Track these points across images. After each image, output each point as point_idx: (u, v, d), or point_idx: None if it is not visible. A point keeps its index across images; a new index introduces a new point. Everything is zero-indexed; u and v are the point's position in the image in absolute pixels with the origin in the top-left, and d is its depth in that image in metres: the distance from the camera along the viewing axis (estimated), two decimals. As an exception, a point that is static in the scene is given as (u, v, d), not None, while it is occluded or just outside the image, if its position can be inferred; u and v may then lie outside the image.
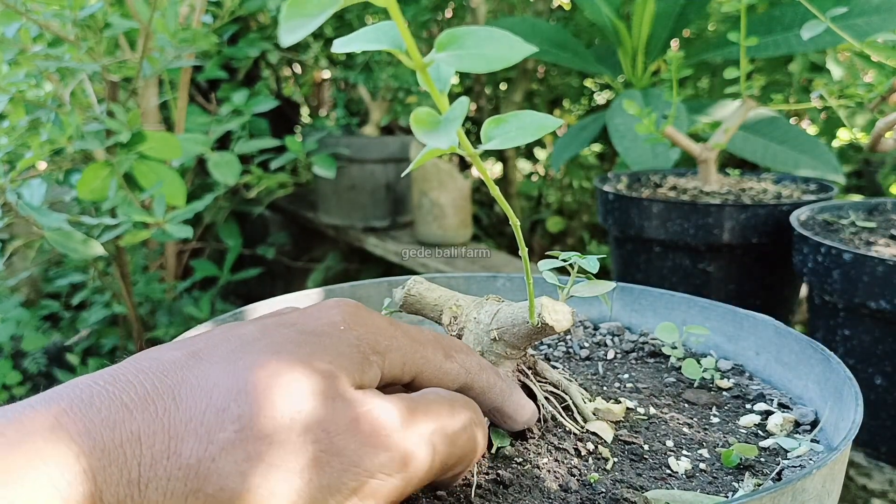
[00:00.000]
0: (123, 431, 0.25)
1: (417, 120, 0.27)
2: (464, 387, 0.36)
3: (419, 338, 0.34)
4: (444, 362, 0.35)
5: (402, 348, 0.33)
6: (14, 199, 0.85)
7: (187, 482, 0.25)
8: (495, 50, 0.26)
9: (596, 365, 0.51)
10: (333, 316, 0.32)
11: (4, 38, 0.96)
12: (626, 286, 0.57)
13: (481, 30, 0.27)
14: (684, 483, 0.36)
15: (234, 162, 1.41)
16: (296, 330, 0.31)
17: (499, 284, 0.59)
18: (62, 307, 1.60)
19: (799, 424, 0.42)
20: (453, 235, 1.57)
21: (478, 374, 0.36)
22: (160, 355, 0.29)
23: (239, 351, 0.29)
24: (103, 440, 0.25)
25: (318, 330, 0.31)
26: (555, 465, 0.38)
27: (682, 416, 0.43)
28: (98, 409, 0.25)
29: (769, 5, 1.45)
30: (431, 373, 0.34)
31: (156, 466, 0.25)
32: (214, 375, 0.28)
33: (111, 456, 0.25)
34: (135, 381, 0.27)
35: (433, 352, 0.34)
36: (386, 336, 0.33)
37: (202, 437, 0.26)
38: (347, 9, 1.77)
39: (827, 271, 0.75)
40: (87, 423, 0.25)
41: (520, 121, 0.30)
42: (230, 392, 0.27)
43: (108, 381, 0.27)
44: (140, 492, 0.25)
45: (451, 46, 0.27)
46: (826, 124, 1.58)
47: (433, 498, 0.35)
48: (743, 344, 0.51)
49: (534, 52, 0.25)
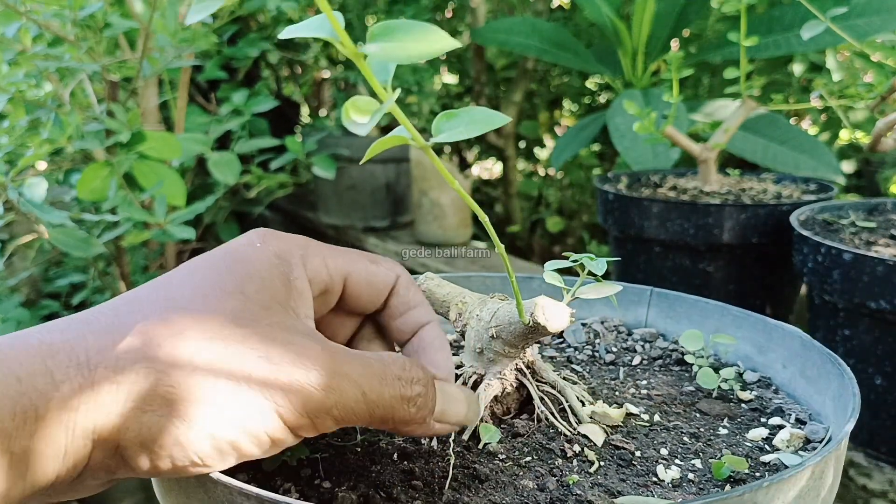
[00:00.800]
0: (73, 328, 0.30)
1: (355, 106, 0.29)
2: (393, 292, 0.38)
3: (340, 248, 0.38)
4: (369, 265, 0.37)
5: (320, 252, 0.36)
6: (15, 196, 0.85)
7: (136, 356, 0.29)
8: (420, 44, 0.27)
9: (618, 370, 0.51)
10: (250, 236, 0.36)
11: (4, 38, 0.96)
12: (662, 292, 0.56)
13: (411, 24, 0.28)
14: (668, 492, 0.36)
15: (234, 162, 1.41)
16: (221, 252, 0.34)
17: (534, 286, 0.59)
18: (62, 307, 1.60)
19: (809, 441, 0.41)
20: (453, 235, 1.57)
21: (408, 284, 0.38)
22: (123, 294, 0.33)
23: (176, 276, 0.33)
24: (53, 341, 0.29)
25: (240, 250, 0.34)
26: (538, 463, 0.38)
27: (688, 425, 0.43)
28: (58, 326, 0.30)
29: (769, 6, 1.45)
30: (360, 274, 0.37)
31: (103, 353, 0.29)
32: (159, 294, 0.32)
33: (60, 342, 0.29)
34: (99, 314, 0.31)
35: (357, 257, 0.37)
36: (301, 245, 0.36)
37: (150, 347, 0.29)
38: (347, 9, 1.77)
39: (827, 271, 0.75)
40: (48, 335, 0.29)
41: (469, 116, 0.31)
42: (169, 315, 0.30)
43: (82, 316, 0.31)
44: (90, 371, 0.28)
45: (381, 38, 0.28)
46: (826, 125, 1.58)
47: (408, 487, 0.36)
48: (771, 356, 0.50)
49: (457, 48, 0.27)
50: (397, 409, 0.33)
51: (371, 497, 0.35)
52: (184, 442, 0.29)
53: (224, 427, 0.29)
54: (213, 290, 0.31)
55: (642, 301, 0.58)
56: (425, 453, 0.39)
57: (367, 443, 0.40)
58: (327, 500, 0.35)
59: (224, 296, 0.31)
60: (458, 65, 2.19)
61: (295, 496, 0.35)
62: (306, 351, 0.31)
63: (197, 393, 0.29)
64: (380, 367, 0.33)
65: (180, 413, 0.29)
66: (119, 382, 0.28)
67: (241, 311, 0.31)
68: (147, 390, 0.28)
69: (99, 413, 0.28)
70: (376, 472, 0.37)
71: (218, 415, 0.29)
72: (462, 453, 0.39)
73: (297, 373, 0.30)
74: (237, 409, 0.29)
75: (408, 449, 0.39)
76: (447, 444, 0.39)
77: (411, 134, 0.30)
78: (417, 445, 0.40)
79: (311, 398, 0.30)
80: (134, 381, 0.28)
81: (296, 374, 0.30)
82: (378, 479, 0.36)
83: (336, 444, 0.40)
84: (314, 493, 0.35)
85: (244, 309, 0.31)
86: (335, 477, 0.37)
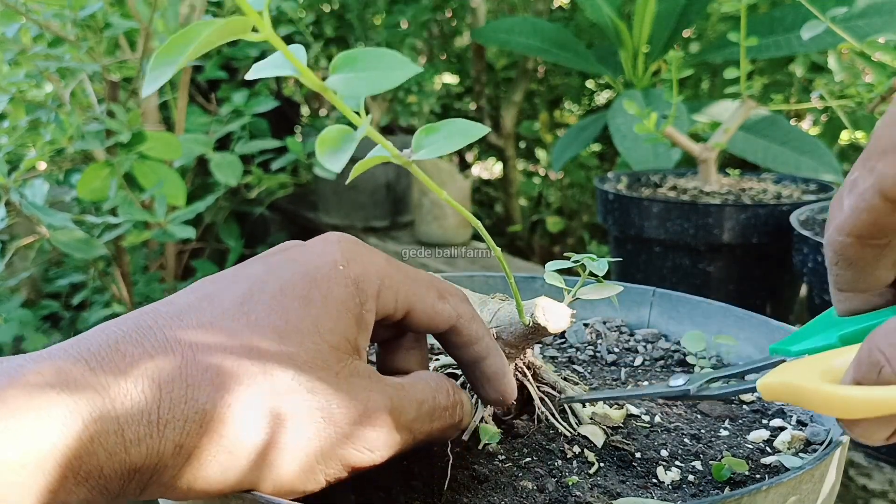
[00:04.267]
0: (146, 379, 0.28)
1: (324, 140, 0.29)
2: (453, 330, 0.37)
3: (414, 276, 0.36)
4: (436, 302, 0.36)
5: (395, 286, 0.35)
6: (17, 198, 0.85)
7: (203, 424, 0.28)
8: (383, 71, 0.27)
9: (620, 370, 0.51)
10: (334, 253, 0.34)
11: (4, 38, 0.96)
12: (665, 293, 0.56)
13: (374, 53, 0.28)
14: (668, 493, 0.36)
15: (235, 163, 1.41)
16: (300, 272, 0.33)
17: (537, 286, 0.59)
18: (62, 307, 1.60)
19: (810, 443, 0.41)
20: (453, 235, 1.57)
21: (469, 322, 0.37)
22: (176, 299, 0.32)
23: (248, 298, 0.31)
24: (126, 385, 0.28)
25: (320, 273, 0.33)
26: (538, 464, 0.38)
27: (689, 426, 0.43)
28: (123, 355, 0.28)
29: (771, 6, 1.45)
30: (423, 310, 0.36)
31: (174, 409, 0.28)
32: (227, 324, 0.30)
33: (133, 399, 0.27)
34: (154, 327, 0.30)
35: (426, 290, 0.36)
36: (380, 273, 0.34)
37: (218, 387, 0.29)
38: (347, 9, 1.77)
39: (827, 271, 0.75)
40: (114, 368, 0.28)
41: (449, 129, 0.31)
42: (243, 349, 0.30)
43: (131, 329, 0.29)
44: (159, 431, 0.28)
45: (344, 69, 0.28)
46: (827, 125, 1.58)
47: (408, 487, 0.36)
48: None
49: (418, 73, 0.27)
50: (438, 437, 0.36)
51: (370, 497, 0.35)
52: (216, 483, 0.29)
53: (268, 482, 0.30)
54: (289, 329, 0.31)
55: (645, 301, 0.58)
56: (425, 453, 0.39)
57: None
58: (325, 500, 0.35)
59: (299, 338, 0.31)
60: (459, 65, 2.19)
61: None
62: (368, 409, 0.31)
63: (252, 447, 0.29)
64: (431, 407, 0.34)
65: (226, 463, 0.29)
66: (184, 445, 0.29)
67: (314, 355, 0.31)
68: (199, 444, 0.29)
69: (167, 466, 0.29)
70: (376, 472, 0.37)
71: (268, 472, 0.30)
72: (462, 454, 0.39)
73: (353, 440, 0.31)
74: (286, 469, 0.30)
75: (408, 449, 0.39)
76: (447, 444, 0.39)
77: (391, 153, 0.30)
78: (417, 446, 0.40)
79: (363, 461, 0.32)
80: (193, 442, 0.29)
81: (352, 443, 0.31)
82: (377, 479, 0.36)
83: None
84: (313, 493, 0.35)
85: (316, 353, 0.31)
86: (335, 477, 0.37)
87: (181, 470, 0.29)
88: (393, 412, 0.32)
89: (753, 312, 0.51)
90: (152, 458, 0.28)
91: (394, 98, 1.76)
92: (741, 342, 0.51)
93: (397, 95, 1.76)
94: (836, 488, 0.36)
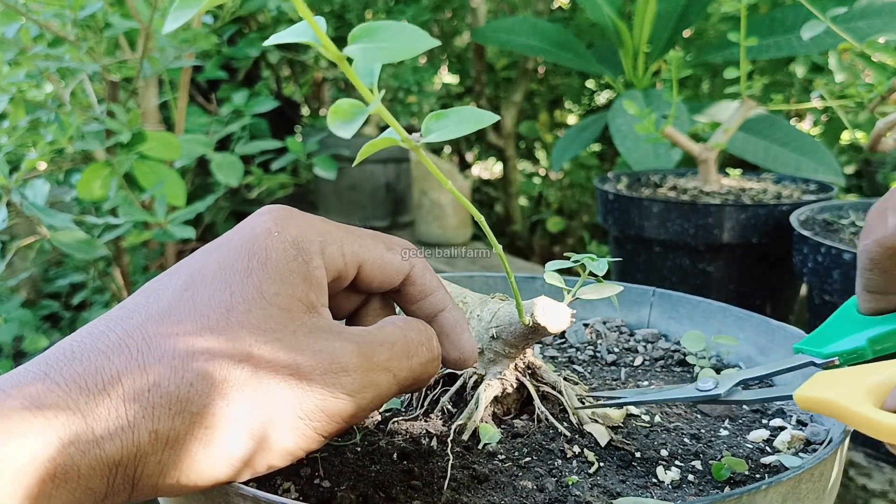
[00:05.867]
0: (104, 375, 0.29)
1: (337, 110, 0.29)
2: (408, 280, 0.37)
3: (358, 232, 0.36)
4: (384, 252, 0.36)
5: (338, 240, 0.35)
6: (18, 199, 0.85)
7: (170, 406, 0.29)
8: (401, 42, 0.27)
9: (620, 370, 0.51)
10: (266, 222, 0.34)
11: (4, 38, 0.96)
12: (665, 293, 0.56)
13: (393, 24, 0.28)
14: (668, 493, 0.36)
15: (236, 163, 1.41)
16: (236, 248, 0.33)
17: (537, 286, 0.59)
18: (62, 307, 1.60)
19: (810, 443, 0.41)
20: (453, 235, 1.57)
21: (423, 271, 0.37)
22: (126, 303, 0.33)
23: (190, 283, 0.32)
24: (87, 385, 0.28)
25: (256, 243, 0.33)
26: (538, 464, 0.38)
27: (689, 426, 0.43)
28: (80, 360, 0.29)
29: (771, 6, 1.45)
30: (373, 262, 0.36)
31: (139, 399, 0.29)
32: (174, 312, 0.31)
33: (97, 398, 0.28)
34: (106, 329, 0.30)
35: (373, 243, 0.36)
36: (319, 231, 0.35)
37: (177, 369, 0.29)
38: (348, 8, 1.77)
39: (827, 271, 0.75)
40: (73, 374, 0.29)
41: (459, 115, 0.31)
42: (194, 329, 0.30)
43: (85, 335, 0.30)
44: (129, 422, 0.28)
45: (363, 39, 0.28)
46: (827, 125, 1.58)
47: (408, 486, 0.36)
48: (773, 356, 0.49)
49: (435, 45, 0.27)
50: (422, 373, 0.35)
51: (370, 497, 0.35)
52: (206, 466, 0.29)
53: (260, 453, 0.30)
54: (235, 300, 0.31)
55: (645, 301, 0.58)
56: (425, 453, 0.39)
57: (367, 442, 0.40)
58: (326, 499, 0.35)
59: (246, 306, 0.31)
60: (459, 65, 2.19)
61: (294, 495, 0.35)
62: (335, 356, 0.31)
63: (230, 419, 0.29)
64: (404, 344, 0.34)
65: (207, 440, 0.29)
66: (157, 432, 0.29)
67: (265, 319, 0.31)
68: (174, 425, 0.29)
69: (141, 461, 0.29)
70: (376, 472, 0.37)
71: (254, 442, 0.30)
72: (461, 453, 0.39)
73: (330, 388, 0.31)
74: (273, 434, 0.30)
75: (407, 449, 0.39)
76: (447, 444, 0.39)
77: (400, 135, 0.30)
78: (417, 445, 0.40)
79: (347, 408, 0.31)
80: (161, 418, 0.29)
81: (329, 391, 0.31)
82: (377, 478, 0.36)
83: (335, 443, 0.40)
84: (313, 493, 0.35)
85: (267, 317, 0.31)
86: (334, 476, 0.37)
87: (165, 459, 0.29)
88: (362, 356, 0.32)
89: (753, 312, 0.51)
90: (129, 450, 0.28)
91: (394, 98, 1.76)
92: (741, 342, 0.51)
93: (397, 95, 1.76)
94: (835, 488, 0.36)
